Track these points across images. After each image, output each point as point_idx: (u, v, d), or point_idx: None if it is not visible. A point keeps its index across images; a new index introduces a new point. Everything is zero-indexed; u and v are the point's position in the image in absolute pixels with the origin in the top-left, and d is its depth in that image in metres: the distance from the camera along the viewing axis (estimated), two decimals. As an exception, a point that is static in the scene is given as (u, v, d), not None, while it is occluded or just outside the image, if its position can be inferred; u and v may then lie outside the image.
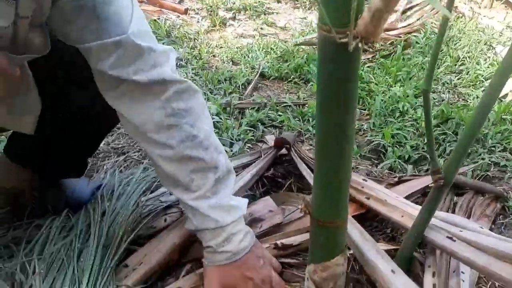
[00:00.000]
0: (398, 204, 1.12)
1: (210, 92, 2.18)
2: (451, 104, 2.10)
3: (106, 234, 1.03)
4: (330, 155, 0.70)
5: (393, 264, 0.92)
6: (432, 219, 0.97)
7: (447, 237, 0.96)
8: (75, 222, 1.09)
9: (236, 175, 1.26)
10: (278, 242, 1.09)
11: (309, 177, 1.31)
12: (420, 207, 1.03)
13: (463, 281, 0.99)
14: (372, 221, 1.28)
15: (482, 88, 2.30)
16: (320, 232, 0.81)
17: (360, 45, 0.53)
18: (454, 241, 0.95)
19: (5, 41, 0.81)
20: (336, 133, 0.67)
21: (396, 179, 1.49)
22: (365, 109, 2.10)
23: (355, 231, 1.03)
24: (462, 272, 1.01)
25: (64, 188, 1.34)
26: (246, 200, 1.06)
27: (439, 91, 2.30)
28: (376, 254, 0.94)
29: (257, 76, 2.40)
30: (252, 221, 1.14)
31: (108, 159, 1.65)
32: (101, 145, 1.70)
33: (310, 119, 1.95)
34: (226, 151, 1.65)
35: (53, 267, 0.93)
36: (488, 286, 1.13)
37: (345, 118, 0.65)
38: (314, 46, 2.71)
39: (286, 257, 1.11)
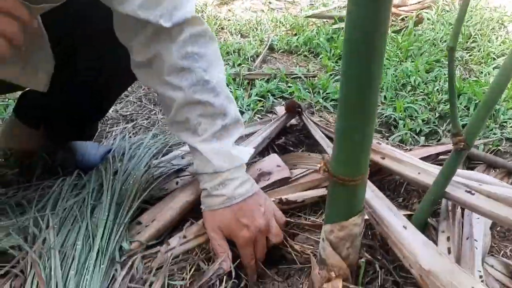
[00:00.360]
0: (414, 162, 1.11)
1: (219, 63, 2.15)
2: (463, 80, 2.07)
3: (119, 193, 1.01)
4: (354, 107, 0.68)
5: (405, 220, 0.90)
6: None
7: (466, 191, 0.95)
8: (87, 181, 1.08)
9: (246, 139, 1.25)
10: (283, 197, 1.08)
11: (322, 141, 1.30)
12: (436, 166, 1.02)
13: (476, 248, 0.98)
14: (384, 190, 1.27)
15: (494, 65, 2.27)
16: (339, 190, 0.80)
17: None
18: (473, 194, 0.93)
19: None
20: (361, 83, 0.65)
21: (408, 149, 1.48)
22: (375, 83, 2.08)
23: (367, 189, 1.01)
24: (475, 240, 1.00)
25: (74, 151, 1.33)
26: (250, 151, 1.07)
27: (451, 68, 2.27)
28: (388, 211, 0.93)
29: (266, 48, 2.37)
30: (260, 175, 1.14)
31: (116, 126, 1.64)
32: (110, 112, 1.69)
33: (321, 91, 1.93)
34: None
35: (66, 223, 0.93)
36: (500, 254, 1.13)
37: (371, 67, 0.63)
38: (324, 20, 2.68)
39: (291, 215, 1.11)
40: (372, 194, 1.00)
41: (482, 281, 0.89)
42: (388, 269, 1.00)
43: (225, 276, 0.92)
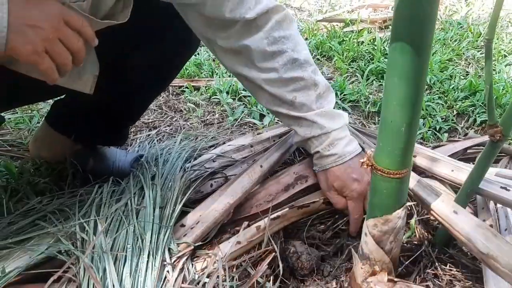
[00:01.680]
0: (446, 160, 1.12)
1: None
2: (478, 77, 2.09)
3: (160, 195, 1.03)
4: (403, 97, 0.70)
5: (454, 204, 0.90)
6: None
7: (501, 187, 0.96)
8: (125, 186, 1.10)
9: (273, 144, 1.27)
10: None
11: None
12: (467, 164, 1.03)
13: None
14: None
15: (505, 63, 2.29)
16: (384, 184, 0.81)
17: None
18: (509, 190, 0.95)
19: (87, 4, 0.81)
20: (408, 73, 0.67)
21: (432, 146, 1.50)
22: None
23: (410, 178, 1.02)
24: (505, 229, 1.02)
25: (104, 158, 1.35)
26: (346, 114, 1.13)
27: (463, 65, 2.29)
28: (436, 197, 0.93)
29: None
30: (297, 179, 1.15)
31: (140, 133, 1.66)
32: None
33: (338, 93, 1.95)
34: (256, 123, 1.67)
35: (112, 227, 0.94)
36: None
37: (420, 58, 0.65)
38: (334, 23, 2.71)
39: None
40: (417, 184, 1.00)
41: None
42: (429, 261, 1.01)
43: (272, 277, 0.94)
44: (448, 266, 1.00)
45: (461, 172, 1.06)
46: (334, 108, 1.11)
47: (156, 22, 1.07)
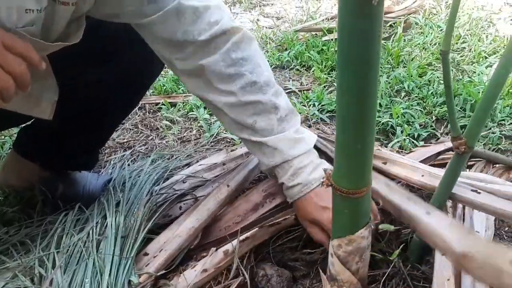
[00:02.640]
0: (416, 165, 1.10)
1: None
2: (457, 81, 2.07)
3: (123, 224, 1.00)
4: (353, 117, 0.68)
5: (426, 205, 0.87)
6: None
7: (472, 190, 0.94)
8: (89, 214, 1.07)
9: (248, 159, 1.25)
10: None
11: (322, 156, 1.29)
12: (437, 169, 1.01)
13: None
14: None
15: (486, 64, 2.28)
16: (344, 203, 0.79)
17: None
18: (479, 193, 0.93)
19: (37, 28, 0.79)
20: (358, 92, 0.65)
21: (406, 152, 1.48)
22: (370, 91, 2.08)
23: (379, 184, 0.99)
24: (477, 231, 0.99)
25: (75, 182, 1.32)
26: (314, 136, 1.09)
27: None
28: (408, 201, 0.90)
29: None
30: (266, 197, 1.12)
31: (114, 154, 1.64)
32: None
33: (316, 104, 1.93)
34: (233, 139, 1.64)
35: (72, 260, 0.91)
36: (503, 244, 1.11)
37: (368, 75, 0.63)
38: (313, 32, 2.70)
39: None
40: (387, 189, 0.97)
41: None
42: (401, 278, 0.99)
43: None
44: (421, 283, 0.98)
45: (432, 177, 1.04)
46: (298, 131, 1.06)
47: (118, 41, 1.05)
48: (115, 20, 0.94)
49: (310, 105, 1.96)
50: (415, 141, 1.66)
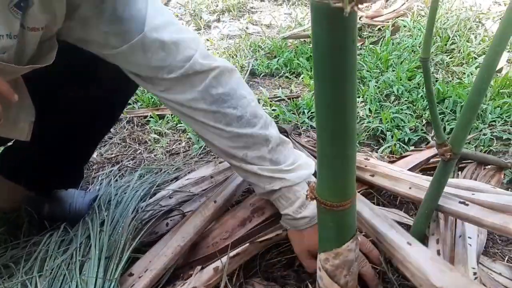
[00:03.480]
0: (404, 177, 1.09)
1: (201, 94, 2.14)
2: (446, 83, 2.06)
3: (108, 244, 0.98)
4: (332, 130, 0.66)
5: (409, 236, 0.87)
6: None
7: (460, 202, 0.92)
8: (74, 235, 1.05)
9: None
10: None
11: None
12: (426, 177, 0.99)
13: (470, 245, 0.96)
14: (379, 205, 1.24)
15: (476, 65, 2.26)
16: (329, 217, 0.77)
17: (355, 8, 0.50)
18: (467, 205, 0.91)
19: (9, 56, 0.78)
20: (337, 105, 0.63)
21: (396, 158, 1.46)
22: (359, 97, 2.07)
23: (364, 208, 0.99)
24: (469, 237, 0.98)
25: (61, 201, 1.30)
26: (312, 162, 1.04)
27: (432, 72, 2.27)
28: (390, 228, 0.90)
29: (247, 74, 2.37)
30: (254, 211, 1.10)
31: (102, 170, 1.62)
32: (94, 156, 1.67)
33: (305, 111, 1.92)
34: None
35: (55, 283, 0.89)
36: (505, 260, 1.10)
37: (345, 87, 0.61)
38: (302, 39, 2.69)
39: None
40: (371, 213, 0.98)
41: (476, 278, 0.87)
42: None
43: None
44: (413, 292, 0.96)
45: (419, 189, 1.03)
46: (295, 160, 1.01)
47: (90, 61, 1.03)
48: (84, 47, 0.91)
49: (299, 112, 1.94)
50: (405, 146, 1.65)
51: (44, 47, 0.86)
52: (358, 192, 1.14)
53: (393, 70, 2.22)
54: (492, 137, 1.68)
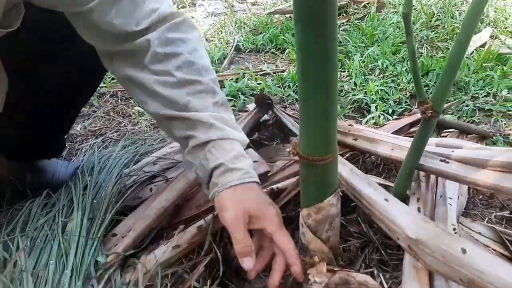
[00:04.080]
0: (386, 139, 1.10)
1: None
2: (430, 57, 2.08)
3: (90, 207, 0.98)
4: (314, 80, 0.66)
5: (386, 193, 0.88)
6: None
7: (441, 160, 0.94)
8: (56, 199, 1.04)
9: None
10: (274, 186, 1.05)
11: (295, 128, 1.28)
12: (408, 138, 1.00)
13: (451, 205, 0.97)
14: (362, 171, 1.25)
15: (459, 40, 2.28)
16: (311, 171, 0.78)
17: None
18: (448, 163, 0.92)
19: None
20: (316, 50, 0.63)
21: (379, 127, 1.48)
22: (344, 71, 2.07)
23: (344, 168, 0.99)
24: (449, 198, 1.00)
25: (44, 171, 1.29)
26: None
27: (417, 48, 2.28)
28: (368, 187, 0.91)
29: (232, 50, 2.36)
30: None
31: (86, 142, 1.60)
32: (78, 129, 1.66)
33: (291, 85, 1.92)
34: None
35: (37, 243, 0.89)
36: (485, 221, 1.12)
37: (326, 34, 0.61)
38: (288, 15, 2.68)
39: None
40: (350, 172, 0.98)
41: (455, 234, 0.88)
42: (374, 247, 0.99)
43: (209, 280, 0.89)
44: (395, 250, 0.97)
45: (402, 150, 1.03)
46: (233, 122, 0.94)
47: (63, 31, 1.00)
48: (53, 7, 0.86)
49: (285, 86, 1.94)
50: (389, 117, 1.66)
51: (13, 13, 0.83)
52: (341, 156, 1.15)
53: (378, 46, 2.22)
54: (474, 108, 1.69)
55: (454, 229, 0.90)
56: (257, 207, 0.84)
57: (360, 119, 1.71)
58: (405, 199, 1.02)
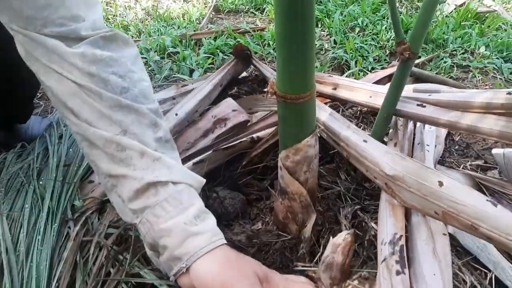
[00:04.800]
0: (364, 87, 1.10)
1: (163, 28, 2.09)
2: (410, 16, 2.07)
3: (66, 155, 0.96)
4: (292, 17, 0.65)
5: (365, 135, 0.89)
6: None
7: (417, 105, 0.94)
8: (32, 148, 1.02)
9: (196, 89, 1.21)
10: (254, 135, 1.05)
11: (263, 69, 1.28)
12: (386, 86, 1.01)
13: (428, 151, 0.98)
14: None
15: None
16: (289, 111, 0.77)
17: None
18: (424, 107, 0.93)
19: None
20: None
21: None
22: (324, 30, 2.06)
23: (323, 112, 0.99)
24: (427, 145, 1.01)
25: (17, 128, 1.26)
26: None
27: (398, 7, 2.27)
28: (347, 129, 0.91)
29: (211, 10, 2.31)
30: (216, 123, 1.08)
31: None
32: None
33: (271, 43, 1.90)
34: (185, 79, 1.60)
35: (12, 189, 0.87)
36: (460, 168, 1.14)
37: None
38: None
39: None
40: (329, 116, 0.98)
41: None
42: (348, 189, 1.00)
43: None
44: (373, 200, 0.98)
45: (380, 97, 1.04)
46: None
47: None
48: None
49: (265, 44, 1.92)
50: (369, 73, 1.66)
51: None
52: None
53: (359, 4, 2.21)
54: (452, 64, 1.71)
55: (432, 173, 0.91)
56: (258, 267, 0.67)
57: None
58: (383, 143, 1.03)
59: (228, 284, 0.60)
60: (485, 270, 0.82)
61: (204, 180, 0.76)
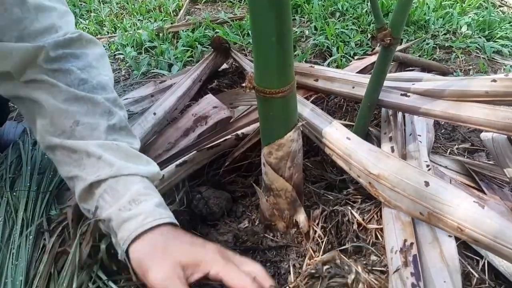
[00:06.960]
0: (347, 77, 1.07)
1: (139, 22, 2.04)
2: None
3: (40, 162, 0.92)
4: (266, 6, 0.61)
5: (348, 132, 0.86)
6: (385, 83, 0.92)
7: (401, 94, 0.91)
8: (4, 156, 0.98)
9: (177, 83, 1.17)
10: (239, 132, 1.01)
11: (241, 61, 1.24)
12: (369, 75, 0.98)
13: (421, 142, 0.96)
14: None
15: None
16: (269, 106, 0.74)
17: None
18: (409, 96, 0.90)
19: None
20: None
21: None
22: (304, 16, 2.02)
23: (305, 108, 0.96)
24: (418, 135, 0.98)
25: (-11, 133, 1.22)
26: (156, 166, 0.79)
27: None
28: (330, 126, 0.88)
29: (188, 0, 2.26)
30: (197, 121, 1.05)
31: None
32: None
33: (250, 32, 1.86)
34: (164, 74, 1.55)
35: (-17, 202, 0.84)
36: (447, 153, 1.12)
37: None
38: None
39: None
40: (311, 112, 0.95)
41: (429, 169, 0.87)
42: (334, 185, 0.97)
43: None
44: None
45: (363, 87, 1.01)
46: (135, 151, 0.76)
47: None
48: None
49: (244, 34, 1.88)
50: (351, 59, 1.63)
51: None
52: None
53: (338, -10, 2.17)
54: (435, 45, 1.68)
55: (428, 166, 0.89)
56: (187, 252, 0.64)
57: (322, 64, 1.67)
58: (367, 134, 1.00)
59: (144, 270, 0.62)
60: (477, 257, 0.81)
61: (157, 171, 0.77)
